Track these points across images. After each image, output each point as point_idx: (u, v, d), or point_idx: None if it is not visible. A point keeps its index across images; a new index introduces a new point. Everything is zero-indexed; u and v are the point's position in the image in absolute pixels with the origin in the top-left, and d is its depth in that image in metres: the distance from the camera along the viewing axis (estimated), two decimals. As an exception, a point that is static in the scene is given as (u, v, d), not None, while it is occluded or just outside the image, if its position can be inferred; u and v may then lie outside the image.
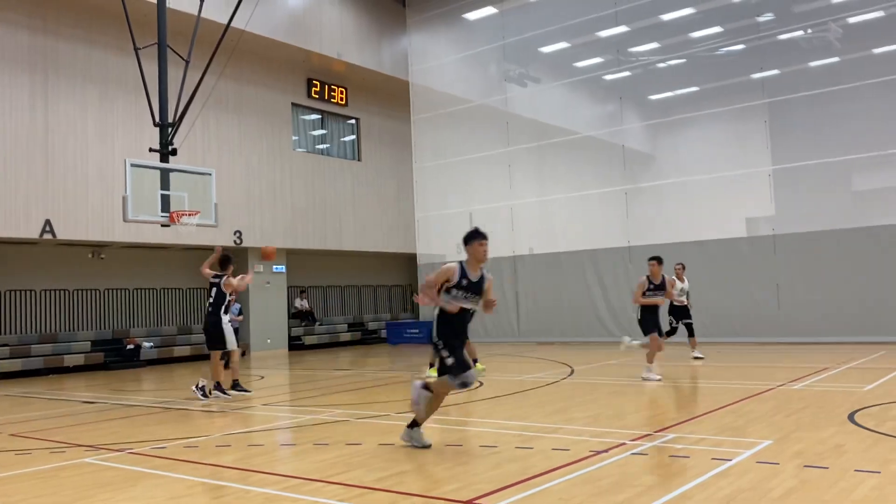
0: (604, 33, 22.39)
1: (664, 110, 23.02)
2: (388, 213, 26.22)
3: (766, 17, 19.84)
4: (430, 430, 7.37)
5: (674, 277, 13.95)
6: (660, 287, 11.50)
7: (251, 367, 17.97)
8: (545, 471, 5.63)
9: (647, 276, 11.61)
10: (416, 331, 24.90)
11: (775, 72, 19.93)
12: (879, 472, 5.19)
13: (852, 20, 18.84)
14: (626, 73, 22.68)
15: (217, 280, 11.42)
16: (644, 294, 11.48)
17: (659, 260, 11.70)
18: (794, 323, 18.03)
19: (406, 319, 27.70)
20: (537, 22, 23.02)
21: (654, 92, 23.17)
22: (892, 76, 17.63)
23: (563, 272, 22.42)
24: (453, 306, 6.62)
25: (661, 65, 22.07)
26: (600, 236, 21.99)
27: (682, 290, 14.28)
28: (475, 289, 6.66)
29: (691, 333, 14.68)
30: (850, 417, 7.44)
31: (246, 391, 11.61)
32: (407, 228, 26.19)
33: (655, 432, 7.02)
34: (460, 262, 6.73)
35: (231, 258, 11.65)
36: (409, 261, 27.37)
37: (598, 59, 23.35)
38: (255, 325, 22.68)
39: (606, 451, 6.26)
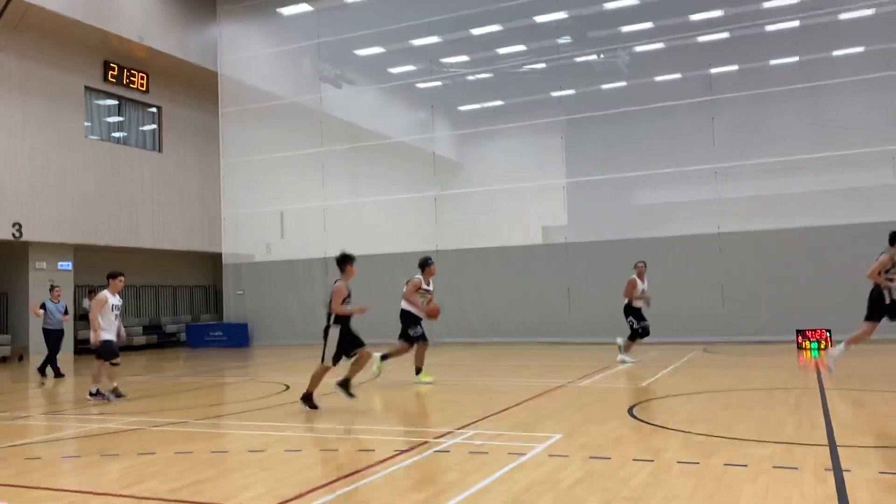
0: (417, 42, 22.90)
1: (472, 121, 24.00)
2: (190, 209, 24.93)
3: (565, 39, 21.33)
4: (233, 435, 7.12)
5: (635, 277, 13.75)
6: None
7: (30, 372, 16.30)
8: (350, 472, 5.65)
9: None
10: (220, 333, 23.90)
11: (571, 91, 21.49)
12: (653, 461, 5.75)
13: (639, 49, 20.77)
14: (438, 83, 23.36)
15: None
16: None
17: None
18: (583, 324, 19.43)
19: (208, 321, 26.47)
20: (353, 24, 23.03)
21: (463, 103, 24.08)
22: (669, 102, 19.62)
23: (375, 275, 22.55)
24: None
25: (470, 77, 22.97)
26: (411, 240, 22.42)
27: (643, 290, 13.80)
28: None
29: (633, 337, 14.04)
30: (630, 411, 8.17)
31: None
32: (212, 226, 25.05)
33: (457, 430, 7.28)
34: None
35: None
36: (214, 260, 26.19)
37: (411, 67, 23.85)
38: (36, 326, 20.60)
39: (410, 449, 6.40)
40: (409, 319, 11.61)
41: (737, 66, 20.11)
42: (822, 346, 15.16)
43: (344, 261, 9.15)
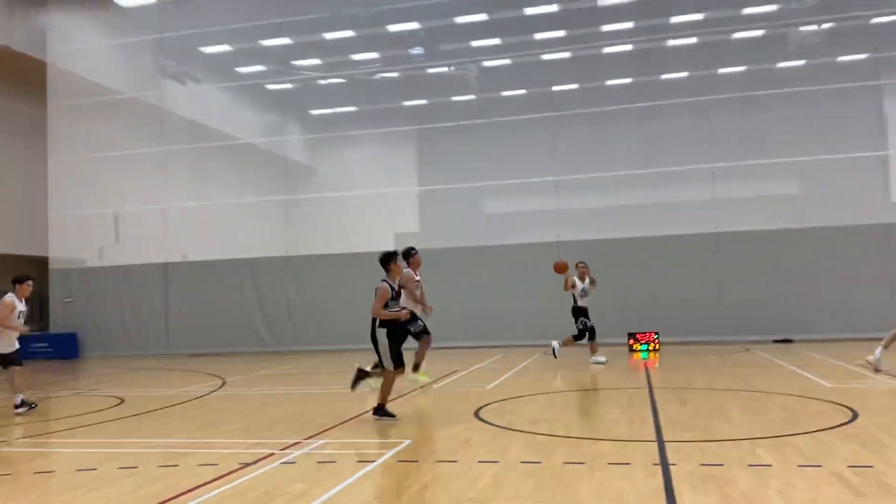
0: (267, 42, 22.36)
1: (325, 126, 23.75)
2: (11, 209, 22.85)
3: (417, 50, 21.65)
4: (60, 454, 6.60)
5: (575, 277, 13.72)
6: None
7: None
8: (190, 488, 5.40)
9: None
10: (45, 344, 22.05)
11: (424, 101, 21.84)
12: (498, 462, 5.94)
13: (487, 63, 21.45)
14: (289, 86, 22.93)
15: None
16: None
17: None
18: (433, 330, 19.62)
19: (33, 332, 24.30)
20: (200, 20, 22.09)
21: (315, 107, 23.78)
22: (515, 116, 20.42)
23: (219, 281, 21.73)
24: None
25: (323, 81, 22.73)
26: (259, 245, 21.80)
27: (583, 290, 13.78)
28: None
29: (591, 337, 14.03)
30: (476, 414, 8.38)
31: None
32: (37, 228, 23.07)
33: (305, 440, 7.16)
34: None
35: None
36: (39, 265, 24.12)
37: (261, 67, 23.24)
38: None
39: (255, 462, 6.22)
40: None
41: (577, 84, 21.24)
42: (651, 348, 16.27)
43: (388, 259, 8.38)
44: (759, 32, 20.11)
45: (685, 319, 18.16)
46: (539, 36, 20.95)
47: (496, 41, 21.24)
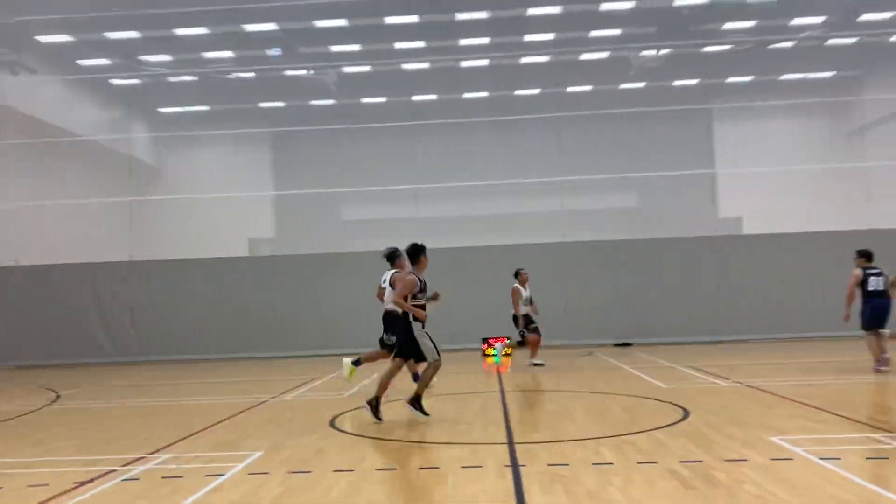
0: (112, 35, 21.07)
1: (174, 125, 22.71)
2: None
3: (275, 51, 21.20)
4: None
5: (517, 284, 13.82)
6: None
7: None
8: (18, 512, 4.98)
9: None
10: None
11: (281, 104, 21.40)
12: (353, 470, 5.91)
13: (347, 69, 21.36)
14: (136, 81, 21.73)
15: None
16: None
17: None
18: (292, 338, 19.23)
19: None
20: (35, 6, 20.43)
21: (164, 105, 22.68)
22: (376, 123, 20.48)
23: (55, 287, 20.14)
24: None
25: (173, 79, 21.73)
26: (100, 249, 20.44)
27: (527, 298, 13.86)
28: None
29: (522, 343, 14.33)
30: (331, 423, 8.30)
31: None
32: None
33: (149, 455, 6.79)
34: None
35: None
36: None
37: (105, 61, 21.87)
38: None
39: (92, 480, 5.83)
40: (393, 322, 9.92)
41: (436, 95, 21.63)
42: (503, 352, 16.78)
43: (418, 252, 8.64)
44: (605, 54, 21.37)
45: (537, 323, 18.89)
46: (399, 45, 21.14)
47: (356, 47, 21.21)
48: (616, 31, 21.22)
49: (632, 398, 9.58)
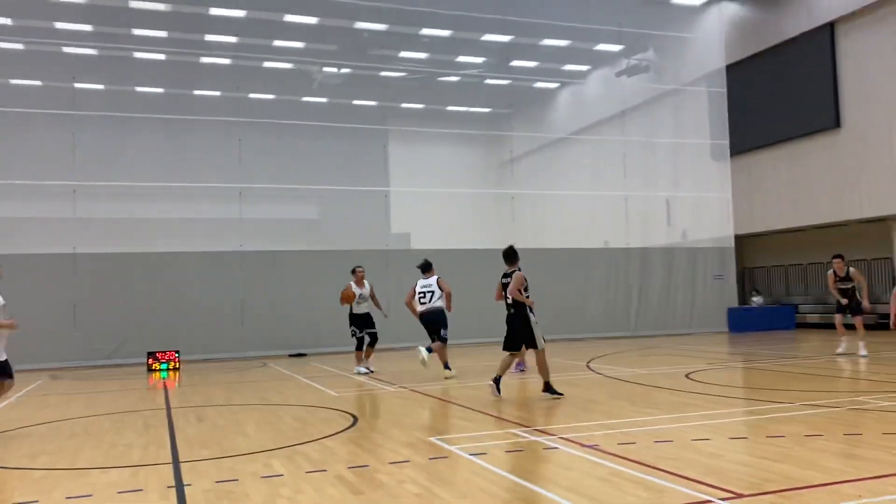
0: None
1: None
2: None
3: None
4: None
5: (352, 283, 13.37)
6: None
7: None
8: None
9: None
10: None
11: None
12: None
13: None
14: None
15: None
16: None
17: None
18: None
19: None
20: None
21: None
22: (28, 109, 18.07)
23: None
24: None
25: None
26: None
27: (361, 295, 13.25)
28: None
29: (371, 344, 13.50)
30: (-44, 454, 7.11)
31: None
32: None
33: None
34: None
35: None
36: None
37: None
38: None
39: None
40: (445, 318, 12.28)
41: (103, 85, 19.79)
42: (172, 367, 15.88)
43: (516, 254, 9.76)
44: (288, 65, 21.45)
45: (208, 336, 18.19)
46: (61, 25, 18.94)
47: (6, 21, 18.57)
48: (300, 44, 21.46)
49: (303, 408, 9.70)
